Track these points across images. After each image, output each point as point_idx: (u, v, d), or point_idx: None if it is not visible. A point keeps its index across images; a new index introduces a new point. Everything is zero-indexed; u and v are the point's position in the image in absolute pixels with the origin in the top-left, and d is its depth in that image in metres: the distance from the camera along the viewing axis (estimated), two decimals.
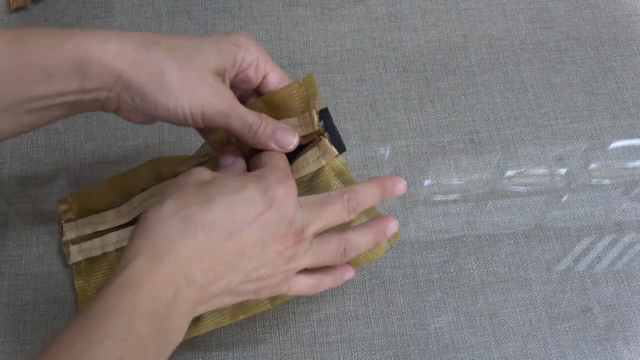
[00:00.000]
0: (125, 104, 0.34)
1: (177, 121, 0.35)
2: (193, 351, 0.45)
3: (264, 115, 0.37)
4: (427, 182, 0.51)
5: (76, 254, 0.45)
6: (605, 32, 0.58)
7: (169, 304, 0.30)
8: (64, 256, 0.46)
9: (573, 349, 0.46)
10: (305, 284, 0.37)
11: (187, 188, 0.33)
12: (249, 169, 0.38)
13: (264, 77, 0.38)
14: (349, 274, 0.39)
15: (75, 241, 0.46)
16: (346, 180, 0.39)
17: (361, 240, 0.37)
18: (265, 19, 0.57)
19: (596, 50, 0.57)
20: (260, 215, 0.32)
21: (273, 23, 0.57)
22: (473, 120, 0.54)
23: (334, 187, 0.38)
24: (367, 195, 0.36)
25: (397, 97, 0.54)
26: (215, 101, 0.35)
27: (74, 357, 0.27)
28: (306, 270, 0.37)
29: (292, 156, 0.39)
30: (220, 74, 0.36)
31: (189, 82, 0.34)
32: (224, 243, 0.31)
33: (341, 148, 0.39)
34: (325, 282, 0.38)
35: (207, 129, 0.41)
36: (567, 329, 0.47)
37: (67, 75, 0.32)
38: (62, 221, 0.46)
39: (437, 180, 0.51)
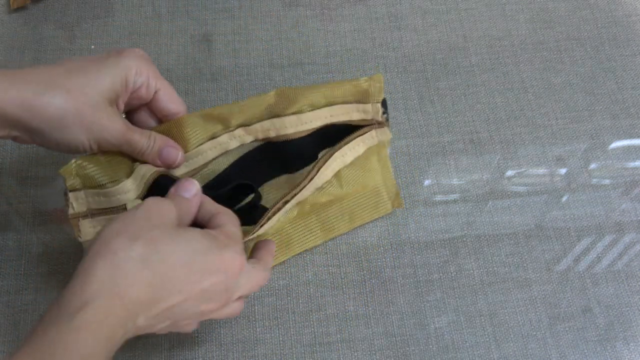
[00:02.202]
0: (22, 140, 0.38)
1: (75, 151, 0.39)
2: (193, 351, 0.45)
3: (153, 135, 0.41)
4: (427, 182, 0.51)
5: (89, 228, 0.41)
6: (605, 32, 0.58)
7: (118, 342, 0.31)
8: (74, 232, 0.42)
9: (573, 349, 0.46)
10: (238, 307, 0.39)
11: (159, 233, 0.33)
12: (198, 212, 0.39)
13: (155, 93, 0.41)
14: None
15: (87, 215, 0.42)
16: (383, 157, 0.48)
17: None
18: (265, 19, 0.57)
19: (596, 50, 0.57)
20: (214, 283, 0.34)
21: (273, 23, 0.57)
22: (473, 120, 0.54)
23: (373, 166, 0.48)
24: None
25: (397, 97, 0.54)
26: (108, 135, 0.38)
27: None
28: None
29: (342, 137, 0.46)
30: (114, 101, 0.39)
31: (85, 119, 0.37)
32: (174, 299, 0.33)
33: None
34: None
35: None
36: (567, 329, 0.47)
37: None
38: (67, 190, 0.41)
39: (437, 180, 0.51)
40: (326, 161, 0.45)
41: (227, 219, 0.37)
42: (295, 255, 0.48)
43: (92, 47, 0.55)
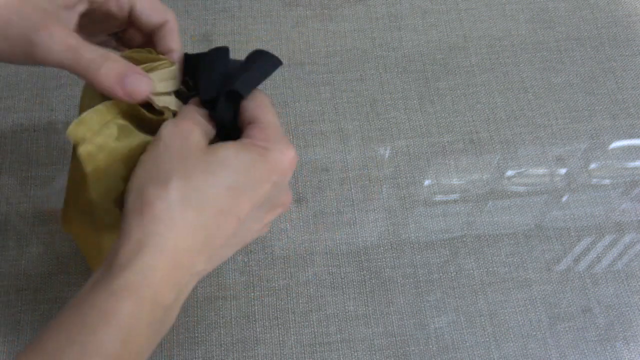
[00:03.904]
0: None
1: (6, 60, 0.31)
2: (193, 351, 0.45)
3: (113, 57, 0.31)
4: (427, 182, 0.51)
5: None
6: (605, 32, 0.58)
7: (170, 306, 0.28)
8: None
9: (573, 349, 0.46)
10: None
11: (191, 162, 0.29)
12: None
13: (131, 8, 0.33)
14: None
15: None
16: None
17: None
18: (265, 19, 0.57)
19: (596, 50, 0.57)
20: (266, 193, 0.30)
21: (273, 23, 0.57)
22: (473, 120, 0.54)
23: None
24: None
25: (397, 97, 0.54)
26: (47, 45, 0.30)
27: None
28: None
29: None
30: (70, 5, 0.32)
31: (21, 21, 0.29)
32: (232, 228, 0.30)
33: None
34: None
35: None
36: (567, 329, 0.47)
37: None
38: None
39: (437, 180, 0.51)
40: None
41: (253, 106, 0.32)
42: (295, 255, 0.48)
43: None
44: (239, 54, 0.55)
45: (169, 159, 0.29)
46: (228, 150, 0.30)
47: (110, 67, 0.30)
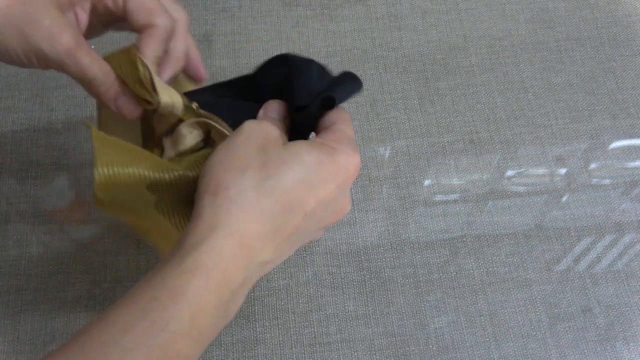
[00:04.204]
0: None
1: (10, 63, 0.32)
2: None
3: (112, 73, 0.33)
4: (427, 182, 0.51)
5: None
6: (605, 32, 0.58)
7: (236, 290, 0.28)
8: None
9: (573, 349, 0.46)
10: None
11: (269, 155, 0.30)
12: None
13: (124, 3, 0.34)
14: None
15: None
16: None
17: None
18: (265, 19, 0.57)
19: (596, 50, 0.57)
20: (330, 193, 0.31)
21: (273, 23, 0.57)
22: (473, 120, 0.54)
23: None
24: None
25: (397, 97, 0.54)
26: (48, 47, 0.31)
27: (132, 343, 0.25)
28: None
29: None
30: (67, 5, 0.32)
31: (20, 21, 0.30)
32: (298, 222, 0.30)
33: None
34: None
35: None
36: (567, 329, 0.47)
37: None
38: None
39: (437, 180, 0.51)
40: None
41: (335, 117, 0.34)
42: (295, 255, 0.48)
43: (92, 47, 0.55)
44: (239, 53, 0.56)
45: (249, 149, 0.30)
46: (301, 146, 0.31)
47: (108, 83, 0.33)
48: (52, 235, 0.47)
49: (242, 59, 0.55)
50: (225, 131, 0.34)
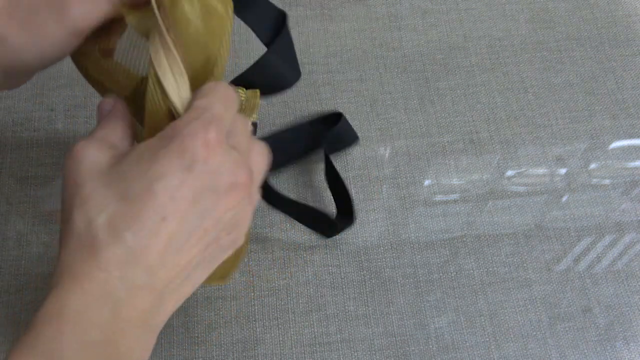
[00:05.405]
0: None
1: (49, 57, 0.30)
2: (193, 351, 0.45)
3: None
4: (427, 182, 0.51)
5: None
6: (605, 32, 0.58)
7: (107, 325, 0.26)
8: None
9: (573, 349, 0.46)
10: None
11: (89, 187, 0.27)
12: None
13: None
14: None
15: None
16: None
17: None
18: None
19: (596, 50, 0.57)
20: (182, 185, 0.26)
21: None
22: (473, 120, 0.54)
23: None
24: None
25: (397, 97, 0.54)
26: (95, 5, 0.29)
27: None
28: None
29: None
30: None
31: None
32: (159, 230, 0.26)
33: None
34: None
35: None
36: (567, 329, 0.47)
37: None
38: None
39: (437, 180, 0.51)
40: None
41: (201, 91, 0.29)
42: (295, 255, 0.48)
43: None
44: (239, 53, 0.56)
45: (66, 191, 0.28)
46: (128, 156, 0.27)
47: None
48: (52, 235, 0.47)
49: (242, 59, 0.55)
50: (168, 40, 0.29)
